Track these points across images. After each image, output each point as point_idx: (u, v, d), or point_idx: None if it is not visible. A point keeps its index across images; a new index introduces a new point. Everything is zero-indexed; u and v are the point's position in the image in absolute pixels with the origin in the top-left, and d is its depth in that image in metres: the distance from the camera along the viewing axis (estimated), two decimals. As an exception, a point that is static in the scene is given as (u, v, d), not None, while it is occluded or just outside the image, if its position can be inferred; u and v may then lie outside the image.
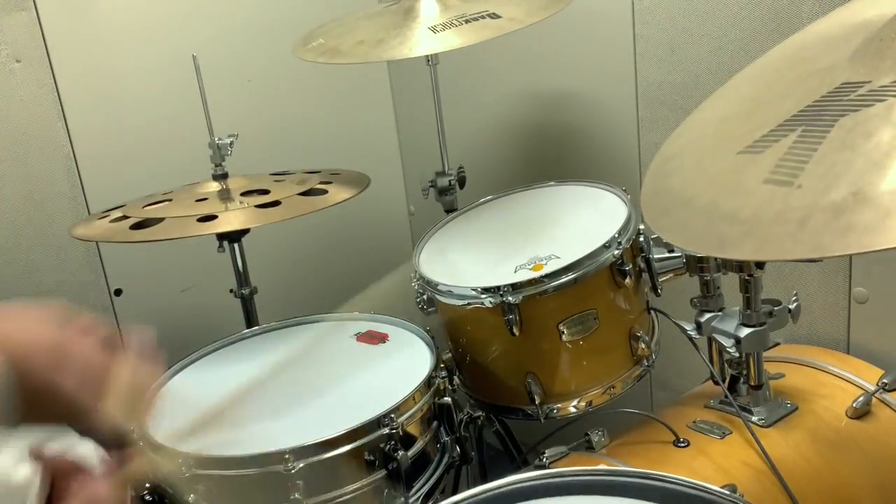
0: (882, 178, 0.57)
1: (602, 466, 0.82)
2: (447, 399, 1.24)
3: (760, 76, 0.88)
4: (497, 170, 2.04)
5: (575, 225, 1.38)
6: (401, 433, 1.13)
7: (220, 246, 1.56)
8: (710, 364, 1.29)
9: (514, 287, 1.21)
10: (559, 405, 1.29)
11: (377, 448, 1.12)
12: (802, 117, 0.69)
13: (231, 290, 1.65)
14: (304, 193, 1.48)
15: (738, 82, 0.91)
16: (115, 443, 0.78)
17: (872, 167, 0.59)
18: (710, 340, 1.27)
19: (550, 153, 1.93)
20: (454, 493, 1.24)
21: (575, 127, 1.85)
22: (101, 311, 1.91)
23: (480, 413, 1.37)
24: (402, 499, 1.13)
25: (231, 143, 1.56)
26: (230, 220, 1.41)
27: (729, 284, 1.23)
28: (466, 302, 1.26)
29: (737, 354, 1.21)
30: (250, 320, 1.64)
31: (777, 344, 1.40)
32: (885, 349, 1.39)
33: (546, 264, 1.25)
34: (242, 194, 1.50)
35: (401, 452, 1.12)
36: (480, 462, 1.50)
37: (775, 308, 1.19)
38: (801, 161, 0.64)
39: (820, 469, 1.13)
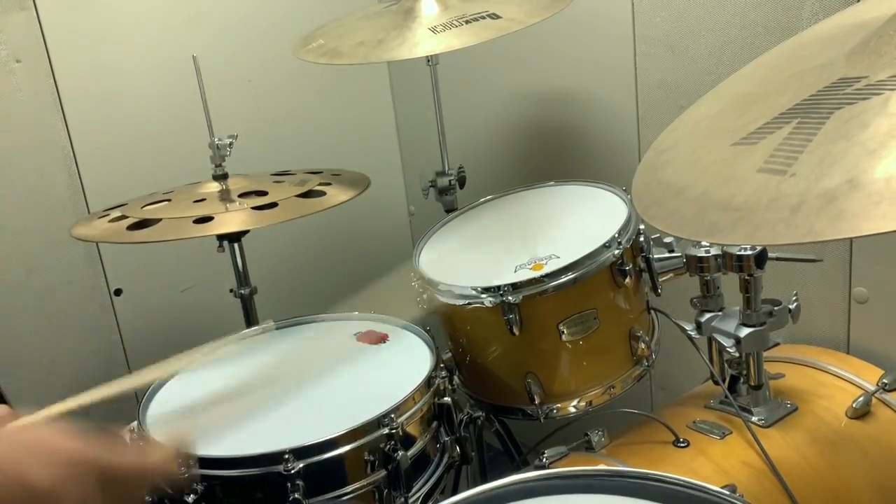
0: (876, 165, 0.58)
1: (602, 466, 0.82)
2: (447, 399, 1.24)
3: (757, 74, 0.88)
4: (497, 170, 2.04)
5: (575, 225, 1.37)
6: (401, 433, 1.12)
7: (220, 246, 1.56)
8: (710, 364, 1.29)
9: (514, 287, 1.21)
10: (559, 405, 1.29)
11: (377, 448, 1.12)
12: (798, 110, 0.69)
13: (231, 290, 1.65)
14: (302, 195, 1.47)
15: (734, 81, 0.91)
16: None
17: (867, 155, 0.59)
18: (710, 340, 1.27)
19: (550, 153, 1.93)
20: (454, 493, 1.24)
21: (575, 127, 1.85)
22: (101, 311, 1.91)
23: (480, 413, 1.37)
24: (402, 499, 1.13)
25: (231, 144, 1.56)
26: (227, 222, 1.41)
27: (729, 284, 1.23)
28: (466, 301, 1.26)
29: (737, 354, 1.21)
30: (250, 320, 1.64)
31: (777, 344, 1.40)
32: (885, 349, 1.38)
33: (546, 264, 1.25)
34: (241, 195, 1.49)
35: (401, 452, 1.11)
36: (480, 462, 1.50)
37: (775, 308, 1.19)
38: (796, 151, 0.64)
39: (820, 469, 1.13)
